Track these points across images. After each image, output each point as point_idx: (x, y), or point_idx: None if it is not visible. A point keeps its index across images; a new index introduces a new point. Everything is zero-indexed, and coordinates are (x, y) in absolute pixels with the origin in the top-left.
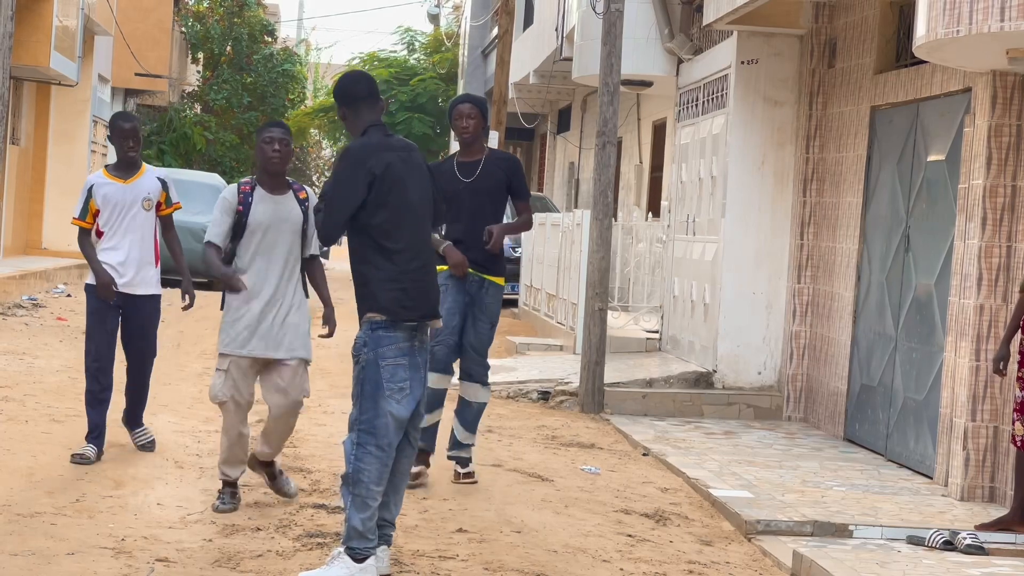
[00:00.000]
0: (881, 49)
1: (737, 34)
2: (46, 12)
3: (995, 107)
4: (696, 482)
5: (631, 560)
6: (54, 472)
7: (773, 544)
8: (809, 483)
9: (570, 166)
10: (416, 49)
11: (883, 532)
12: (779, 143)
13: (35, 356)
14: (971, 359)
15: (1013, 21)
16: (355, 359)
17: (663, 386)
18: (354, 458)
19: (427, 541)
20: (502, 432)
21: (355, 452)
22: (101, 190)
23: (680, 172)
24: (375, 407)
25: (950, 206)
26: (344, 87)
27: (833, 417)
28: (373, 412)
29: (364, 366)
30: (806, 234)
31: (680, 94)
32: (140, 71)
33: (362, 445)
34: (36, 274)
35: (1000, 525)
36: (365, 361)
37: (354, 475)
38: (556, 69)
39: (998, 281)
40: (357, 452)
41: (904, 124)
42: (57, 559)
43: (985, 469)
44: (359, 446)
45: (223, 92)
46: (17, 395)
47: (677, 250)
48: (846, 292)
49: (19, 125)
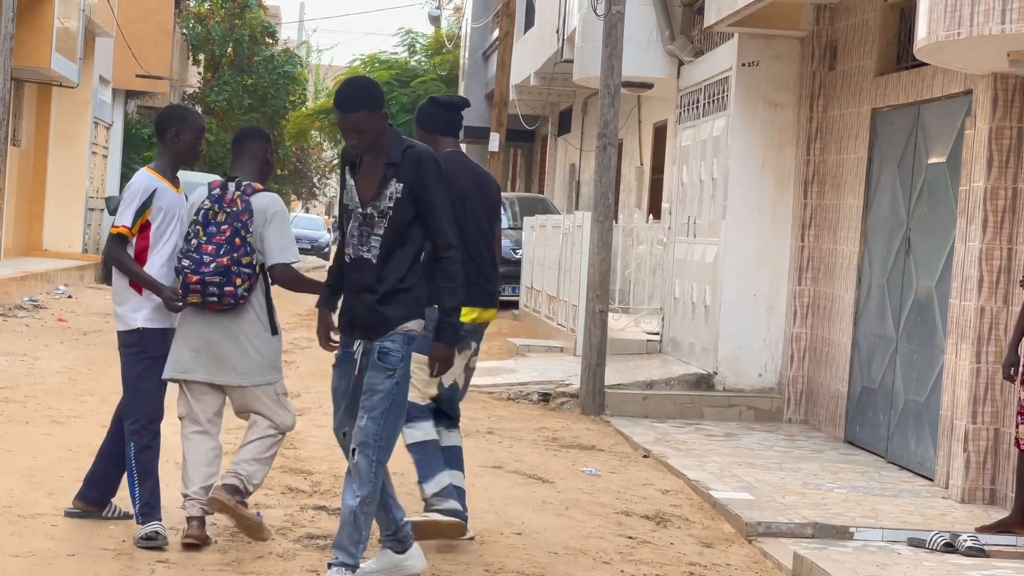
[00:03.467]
0: (882, 51)
1: (738, 36)
2: (47, 13)
3: (996, 109)
4: (697, 484)
5: (632, 562)
6: (55, 473)
7: (774, 546)
8: (810, 485)
9: (571, 168)
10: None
11: (884, 534)
12: (780, 145)
13: (36, 357)
14: (972, 361)
15: (1014, 23)
16: (389, 372)
17: (664, 388)
18: (373, 477)
19: (427, 543)
20: (503, 434)
21: (374, 471)
22: (164, 197)
23: (681, 174)
24: (396, 425)
25: (951, 208)
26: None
27: (834, 419)
28: (394, 430)
29: (399, 381)
30: (807, 236)
31: (681, 96)
32: (141, 72)
33: (381, 463)
34: (37, 275)
35: (1001, 527)
36: (401, 376)
37: (373, 495)
38: (557, 71)
39: (999, 283)
40: (376, 471)
41: (905, 126)
42: (58, 560)
43: (986, 471)
44: (378, 464)
45: (224, 94)
46: (18, 396)
47: (678, 252)
48: (847, 294)
49: (20, 127)
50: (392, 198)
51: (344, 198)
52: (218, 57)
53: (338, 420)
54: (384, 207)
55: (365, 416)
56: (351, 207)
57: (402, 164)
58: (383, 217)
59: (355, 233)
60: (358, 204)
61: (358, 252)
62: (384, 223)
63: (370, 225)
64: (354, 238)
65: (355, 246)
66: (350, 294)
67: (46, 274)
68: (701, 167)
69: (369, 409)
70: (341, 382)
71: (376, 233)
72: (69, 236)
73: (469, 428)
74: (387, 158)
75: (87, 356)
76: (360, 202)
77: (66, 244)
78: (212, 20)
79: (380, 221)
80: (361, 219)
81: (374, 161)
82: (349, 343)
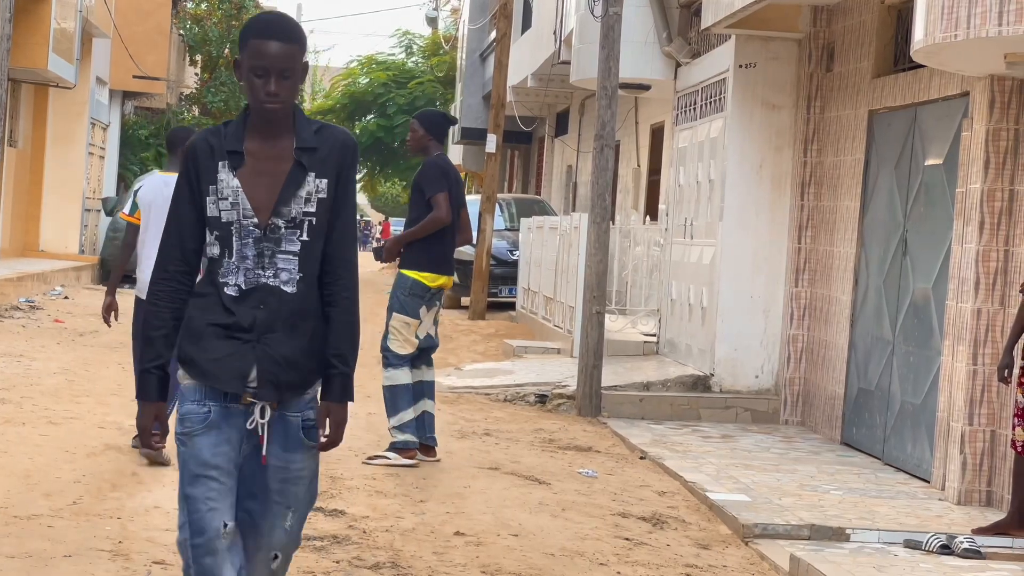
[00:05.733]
0: (879, 53)
1: (735, 38)
2: (44, 14)
3: (993, 111)
4: (693, 485)
5: (628, 563)
6: (51, 474)
7: (770, 548)
8: (806, 487)
9: (568, 169)
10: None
11: (880, 536)
12: (777, 147)
13: (32, 358)
14: (968, 363)
15: (1011, 25)
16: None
17: (660, 389)
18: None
19: (424, 544)
20: (499, 435)
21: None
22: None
23: (678, 176)
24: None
25: (948, 210)
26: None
27: (830, 421)
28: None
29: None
30: (804, 238)
31: (678, 98)
32: (138, 73)
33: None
34: (33, 276)
35: (997, 529)
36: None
37: None
38: (554, 72)
39: (996, 285)
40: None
41: (902, 128)
42: (54, 561)
43: (982, 473)
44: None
45: (221, 95)
46: (14, 397)
47: (675, 253)
48: (843, 296)
49: (17, 127)
50: (312, 200)
51: (208, 206)
52: (215, 58)
53: (213, 515)
54: (298, 213)
55: (289, 514)
56: (230, 220)
57: (320, 150)
58: (296, 227)
59: (246, 254)
60: (249, 213)
61: (256, 279)
62: (298, 235)
63: (274, 240)
64: (246, 260)
65: (249, 271)
66: (237, 337)
67: (43, 275)
68: (698, 168)
69: (294, 504)
70: (219, 456)
71: (286, 251)
72: (66, 237)
73: (466, 429)
74: (297, 141)
75: (84, 357)
76: (254, 209)
77: (63, 245)
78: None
79: (291, 233)
80: (259, 233)
81: (270, 146)
82: (221, 400)
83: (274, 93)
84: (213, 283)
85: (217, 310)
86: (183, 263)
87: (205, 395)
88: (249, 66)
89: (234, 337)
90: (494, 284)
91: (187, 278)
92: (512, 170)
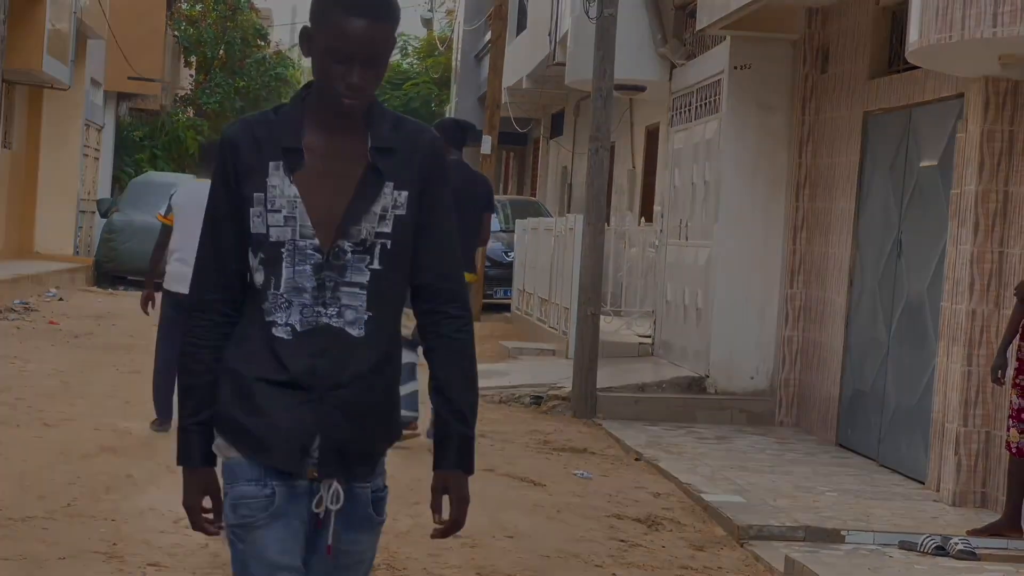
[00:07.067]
0: (874, 55)
1: (730, 39)
2: (39, 15)
3: (987, 112)
4: (688, 487)
5: (623, 565)
6: (45, 476)
7: (765, 549)
8: (801, 488)
9: (563, 171)
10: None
11: (875, 537)
12: (772, 148)
13: (27, 360)
14: (963, 364)
15: (1005, 27)
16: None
17: (655, 391)
18: None
19: (419, 546)
20: (494, 437)
21: None
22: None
23: (673, 177)
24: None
25: (942, 211)
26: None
27: (825, 422)
28: None
29: None
30: (799, 239)
31: (673, 99)
32: (133, 75)
33: None
34: (28, 278)
35: (992, 530)
36: None
37: None
38: (549, 74)
39: (990, 286)
40: None
41: (897, 129)
42: (48, 563)
43: (977, 474)
44: None
45: (216, 96)
46: (8, 399)
47: (670, 255)
48: (838, 297)
49: (11, 129)
50: (388, 217)
51: (252, 220)
52: (210, 59)
53: None
54: (369, 235)
55: None
56: (282, 239)
57: (399, 152)
58: (365, 252)
59: (303, 284)
60: (309, 231)
61: (316, 318)
62: (367, 262)
63: (338, 268)
64: (303, 294)
65: (307, 307)
66: (292, 396)
67: (37, 277)
68: (693, 170)
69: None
70: (287, 554)
71: (352, 282)
72: (60, 239)
73: None
74: (372, 138)
75: (78, 359)
76: (315, 226)
77: (58, 247)
78: (204, 22)
79: (359, 260)
80: (319, 259)
81: (336, 143)
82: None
83: (358, 87)
84: (258, 321)
85: (265, 358)
86: (224, 289)
87: (264, 473)
88: (326, 47)
89: (289, 396)
90: (489, 286)
91: (229, 308)
92: (507, 172)
